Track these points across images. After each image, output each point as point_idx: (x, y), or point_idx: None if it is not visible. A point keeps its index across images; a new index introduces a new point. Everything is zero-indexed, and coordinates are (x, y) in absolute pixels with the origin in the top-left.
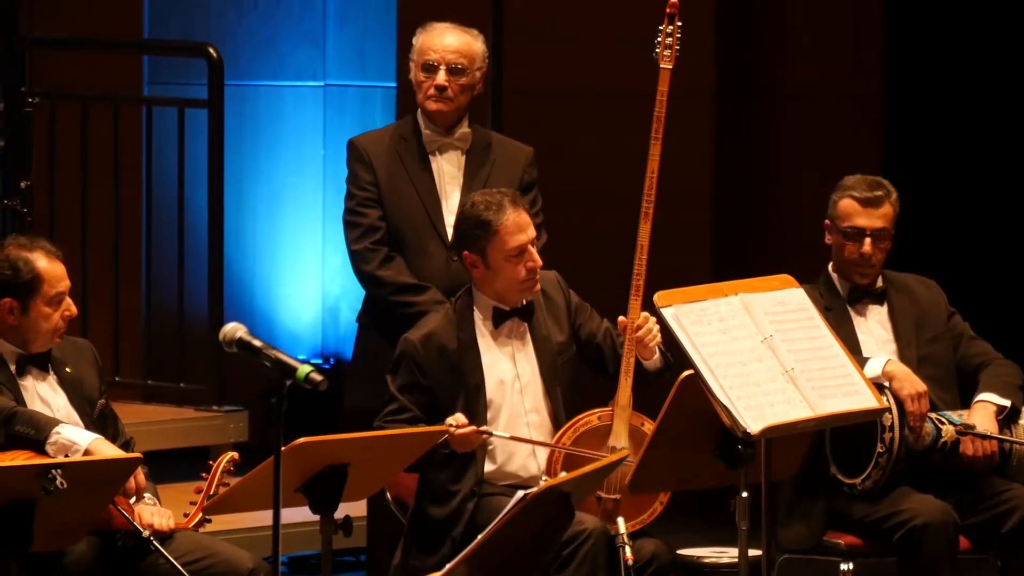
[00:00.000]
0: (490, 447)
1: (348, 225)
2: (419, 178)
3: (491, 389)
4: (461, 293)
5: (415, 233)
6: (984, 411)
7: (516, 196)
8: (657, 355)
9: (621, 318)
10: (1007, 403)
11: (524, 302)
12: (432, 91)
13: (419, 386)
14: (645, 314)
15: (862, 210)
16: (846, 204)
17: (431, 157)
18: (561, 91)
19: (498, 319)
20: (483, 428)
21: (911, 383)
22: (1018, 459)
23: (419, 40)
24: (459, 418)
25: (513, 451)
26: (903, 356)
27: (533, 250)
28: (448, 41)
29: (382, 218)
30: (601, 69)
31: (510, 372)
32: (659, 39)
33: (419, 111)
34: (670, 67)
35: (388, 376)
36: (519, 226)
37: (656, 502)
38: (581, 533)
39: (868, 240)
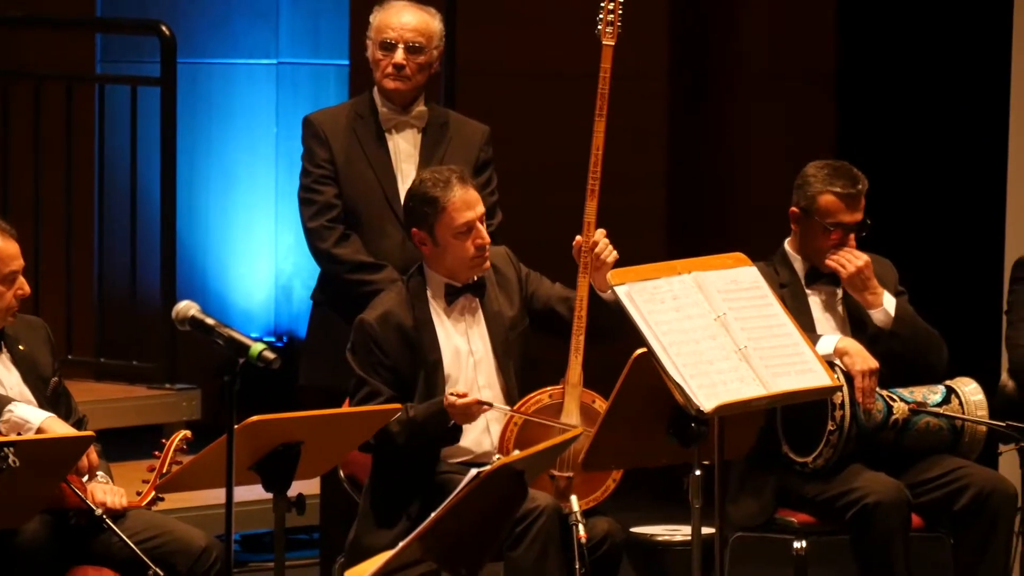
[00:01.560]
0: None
1: (303, 202)
2: (375, 156)
3: (448, 365)
4: (413, 271)
5: (371, 211)
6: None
7: (464, 173)
8: None
9: (577, 237)
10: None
11: (475, 278)
12: (390, 69)
13: (382, 365)
14: (600, 230)
15: (845, 207)
16: (829, 201)
17: (387, 135)
18: (514, 70)
19: (450, 296)
20: (484, 400)
21: (863, 359)
22: (970, 436)
23: (376, 18)
24: (460, 390)
25: (466, 428)
26: (856, 334)
27: (481, 227)
28: (406, 19)
29: (338, 196)
30: (554, 48)
31: (464, 347)
32: (600, 15)
33: (375, 89)
34: (612, 43)
35: (351, 359)
36: (467, 203)
37: (609, 479)
38: (534, 511)
39: (852, 235)
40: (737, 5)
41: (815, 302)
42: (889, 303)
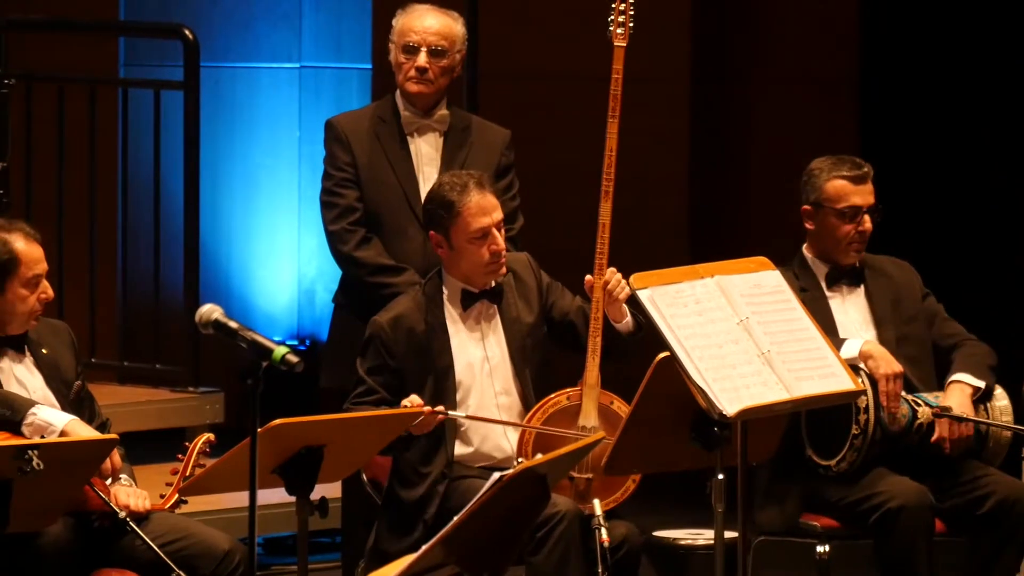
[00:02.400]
0: (462, 428)
1: (325, 205)
2: (397, 160)
3: (460, 371)
4: (431, 275)
5: (392, 215)
6: (960, 392)
7: (484, 178)
8: (628, 317)
9: (588, 277)
10: (981, 384)
11: (492, 284)
12: (413, 73)
13: (387, 368)
14: (612, 269)
15: (855, 188)
16: (838, 185)
17: (409, 139)
18: (537, 74)
19: (467, 301)
20: (438, 408)
21: (887, 363)
22: (994, 441)
23: (399, 21)
24: (414, 399)
25: (486, 433)
26: (882, 337)
27: (497, 234)
28: (429, 23)
29: (359, 199)
30: (577, 52)
31: (479, 354)
32: (611, 17)
33: (397, 92)
34: (624, 45)
35: (358, 359)
36: (483, 208)
37: (629, 481)
38: (554, 516)
39: (867, 217)
40: (759, 9)
41: (836, 305)
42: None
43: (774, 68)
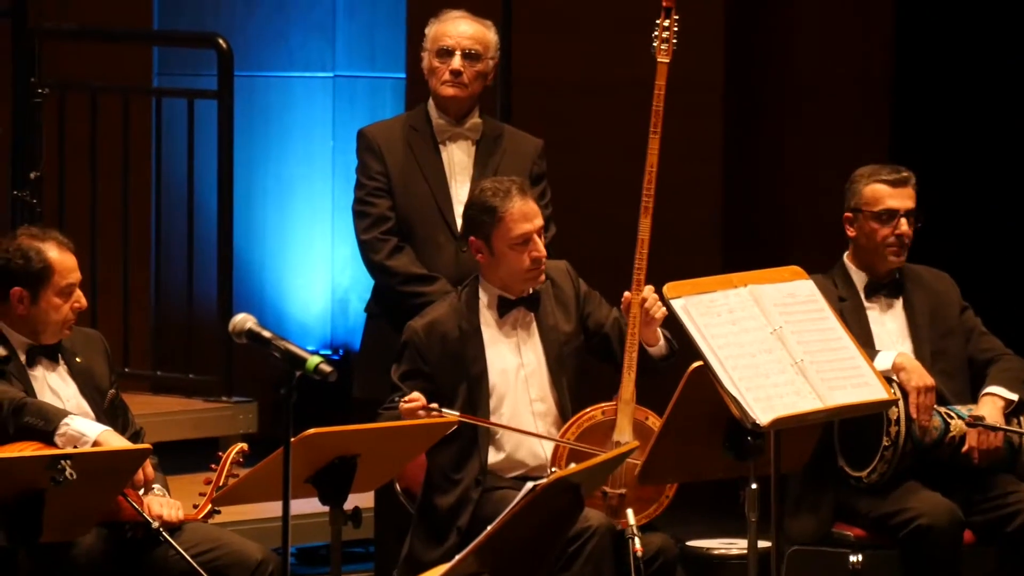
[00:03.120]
0: (497, 435)
1: (358, 215)
2: (429, 168)
3: (494, 378)
4: (468, 281)
5: (424, 223)
6: (992, 404)
7: (525, 185)
8: (662, 341)
9: (626, 294)
10: (1015, 397)
11: (530, 291)
12: (447, 76)
13: (421, 373)
14: (649, 287)
15: (893, 191)
16: (875, 189)
17: (441, 147)
18: (570, 83)
19: (503, 308)
20: (432, 406)
21: (919, 376)
22: None
23: (433, 28)
24: (413, 395)
25: (520, 439)
26: (917, 350)
27: (539, 240)
28: (463, 28)
29: (392, 208)
30: (610, 61)
31: (514, 361)
32: (656, 33)
33: (430, 101)
34: (667, 61)
35: (393, 364)
36: (525, 215)
37: (662, 496)
38: (586, 530)
39: (904, 220)
40: (792, 17)
41: (875, 316)
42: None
43: (807, 77)
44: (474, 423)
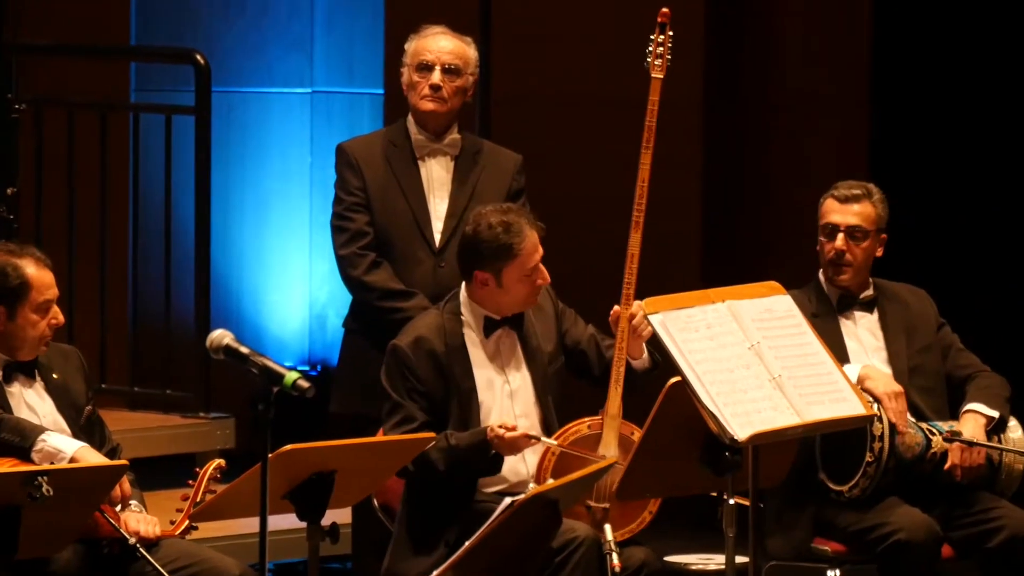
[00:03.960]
0: None
1: (336, 230)
2: (408, 184)
3: (481, 394)
4: (449, 297)
5: (403, 239)
6: (973, 422)
7: (529, 215)
8: (645, 354)
9: (616, 308)
10: (996, 414)
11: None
12: (426, 91)
13: (416, 391)
14: (638, 303)
15: (838, 207)
16: (826, 203)
17: (420, 163)
18: (548, 99)
19: (488, 328)
20: (533, 434)
21: (885, 382)
22: (1007, 472)
23: (413, 43)
24: (507, 423)
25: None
26: (893, 365)
27: (543, 267)
28: (443, 44)
29: (370, 223)
30: (588, 77)
31: (499, 379)
32: (650, 48)
33: (409, 117)
34: (661, 76)
35: (385, 384)
36: (535, 246)
37: (645, 511)
38: (573, 541)
39: (841, 236)
40: (772, 30)
41: (848, 331)
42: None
43: (787, 91)
44: (568, 451)
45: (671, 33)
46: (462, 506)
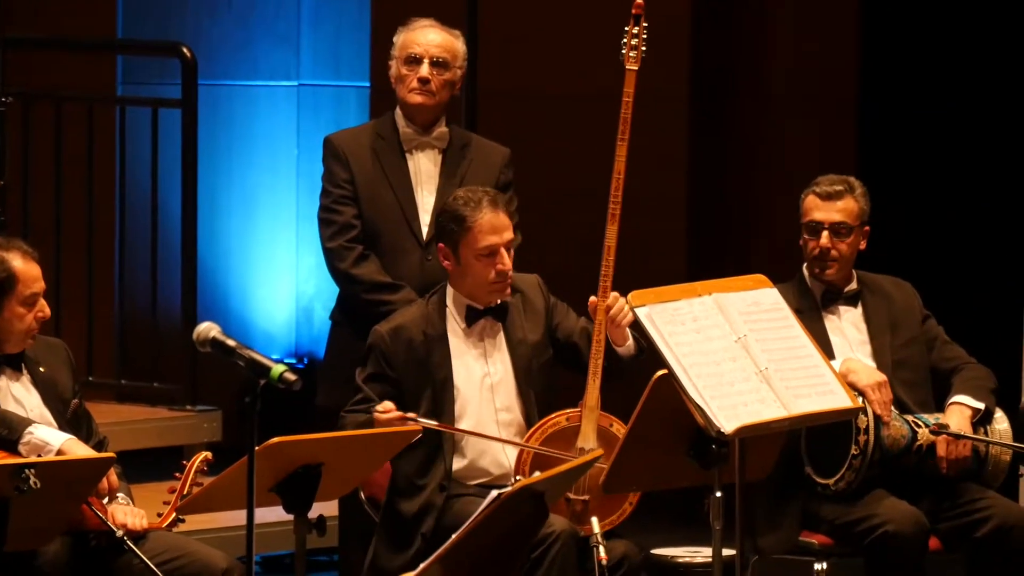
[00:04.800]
0: (461, 441)
1: (323, 222)
2: (395, 177)
3: (460, 384)
4: (437, 288)
5: (390, 232)
6: (959, 414)
7: (499, 197)
8: (630, 340)
9: (592, 298)
10: (981, 406)
11: (497, 302)
12: (415, 84)
13: (385, 377)
14: (615, 294)
15: (821, 204)
16: (808, 200)
17: (408, 156)
18: (535, 93)
19: (471, 317)
20: (409, 415)
21: (868, 373)
22: (993, 463)
23: (401, 36)
24: (386, 404)
25: (484, 447)
26: (878, 359)
27: (505, 254)
28: (432, 37)
29: (357, 216)
30: (574, 71)
31: (480, 370)
32: (625, 40)
33: (397, 110)
34: (636, 68)
35: (358, 368)
36: (494, 227)
37: (626, 503)
38: (550, 536)
39: (825, 233)
40: (759, 29)
41: (832, 325)
42: (972, 402)
43: (774, 88)
44: (448, 431)
45: (646, 25)
46: (441, 498)
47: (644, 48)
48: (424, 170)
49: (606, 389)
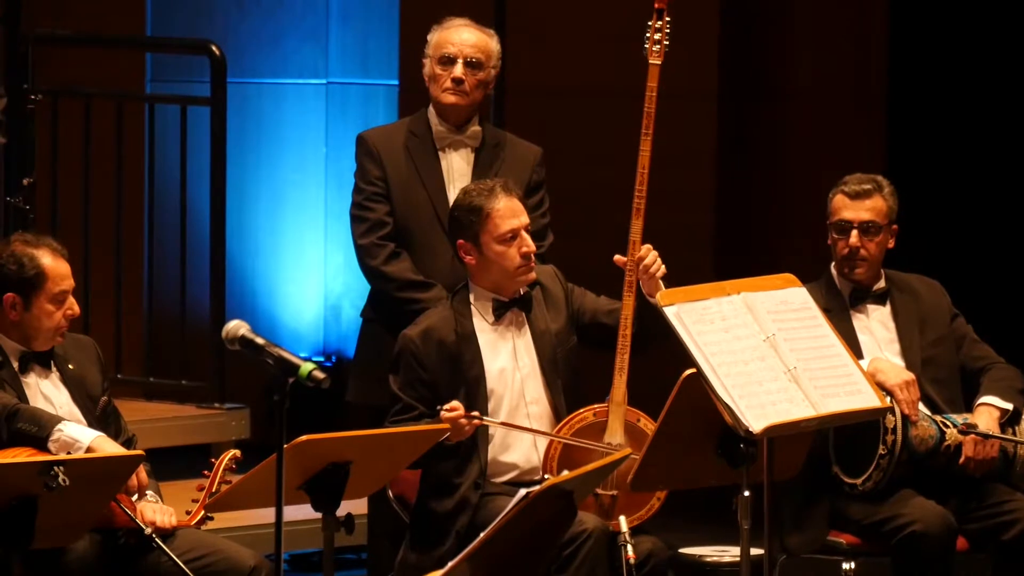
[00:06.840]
0: (492, 437)
1: (355, 219)
2: (428, 175)
3: (491, 380)
4: (459, 288)
5: (422, 230)
6: (988, 414)
7: (508, 184)
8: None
9: (617, 256)
10: (1009, 407)
11: (521, 292)
12: (449, 84)
13: (421, 381)
14: (647, 246)
15: (850, 203)
16: (836, 199)
17: (441, 154)
18: (563, 90)
19: (498, 311)
20: (474, 413)
21: (895, 373)
22: (1021, 464)
23: (435, 35)
24: (453, 404)
25: (512, 442)
26: (906, 358)
27: (526, 235)
28: (466, 36)
29: (390, 213)
30: (603, 68)
31: (510, 364)
32: (648, 35)
33: (430, 108)
34: (659, 63)
35: (390, 376)
36: (512, 211)
37: (653, 499)
38: (582, 533)
39: (855, 232)
40: (787, 25)
41: (860, 324)
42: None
43: (802, 84)
44: (511, 429)
45: (669, 19)
46: (476, 496)
47: (667, 43)
48: (457, 168)
49: (634, 380)
